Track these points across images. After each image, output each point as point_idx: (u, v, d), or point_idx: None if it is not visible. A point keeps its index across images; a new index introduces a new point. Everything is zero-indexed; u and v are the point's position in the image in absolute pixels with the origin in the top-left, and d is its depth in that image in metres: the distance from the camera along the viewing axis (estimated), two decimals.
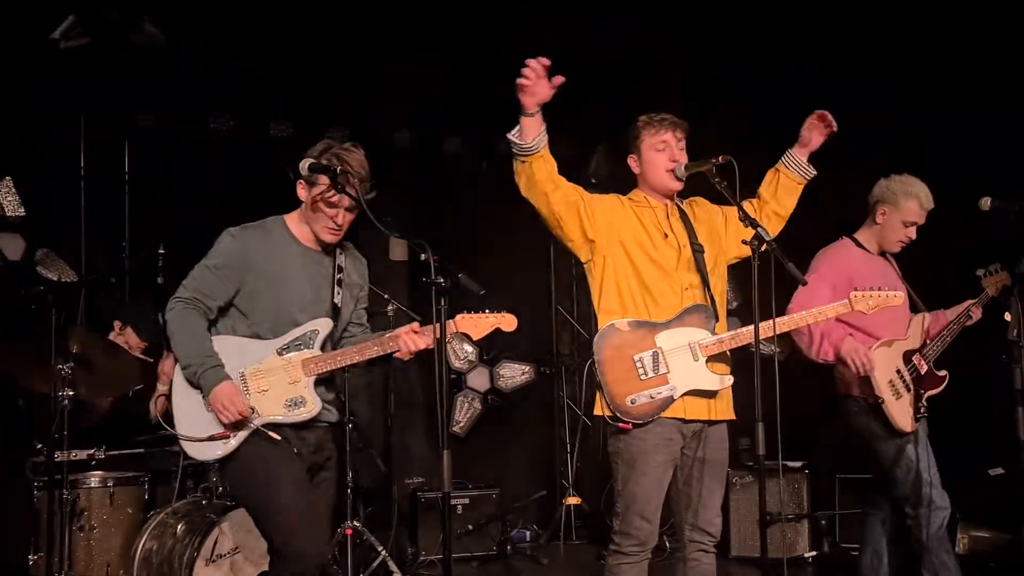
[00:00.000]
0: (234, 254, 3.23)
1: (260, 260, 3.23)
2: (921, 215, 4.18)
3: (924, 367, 4.13)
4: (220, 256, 3.24)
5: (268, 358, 3.23)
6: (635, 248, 3.42)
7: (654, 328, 3.36)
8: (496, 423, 7.27)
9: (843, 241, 4.30)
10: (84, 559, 4.42)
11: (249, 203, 6.40)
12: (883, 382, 4.02)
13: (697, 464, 3.43)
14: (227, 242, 3.26)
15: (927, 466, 4.06)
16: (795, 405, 4.26)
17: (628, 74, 6.28)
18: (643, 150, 3.50)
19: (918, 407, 4.06)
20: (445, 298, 3.02)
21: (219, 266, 3.22)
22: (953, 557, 4.14)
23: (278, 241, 3.29)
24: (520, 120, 3.31)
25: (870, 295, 3.51)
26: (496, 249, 7.17)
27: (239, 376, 3.21)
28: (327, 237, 3.28)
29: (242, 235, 3.27)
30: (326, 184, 3.15)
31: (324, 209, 3.22)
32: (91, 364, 4.49)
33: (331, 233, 3.27)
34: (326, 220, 3.24)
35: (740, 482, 5.86)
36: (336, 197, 3.18)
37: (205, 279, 3.22)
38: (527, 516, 6.84)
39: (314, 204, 3.23)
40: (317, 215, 3.24)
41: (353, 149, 3.24)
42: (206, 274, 3.22)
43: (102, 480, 4.55)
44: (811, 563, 5.87)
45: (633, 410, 3.32)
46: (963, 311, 4.27)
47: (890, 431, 4.06)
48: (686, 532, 3.46)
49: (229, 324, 3.28)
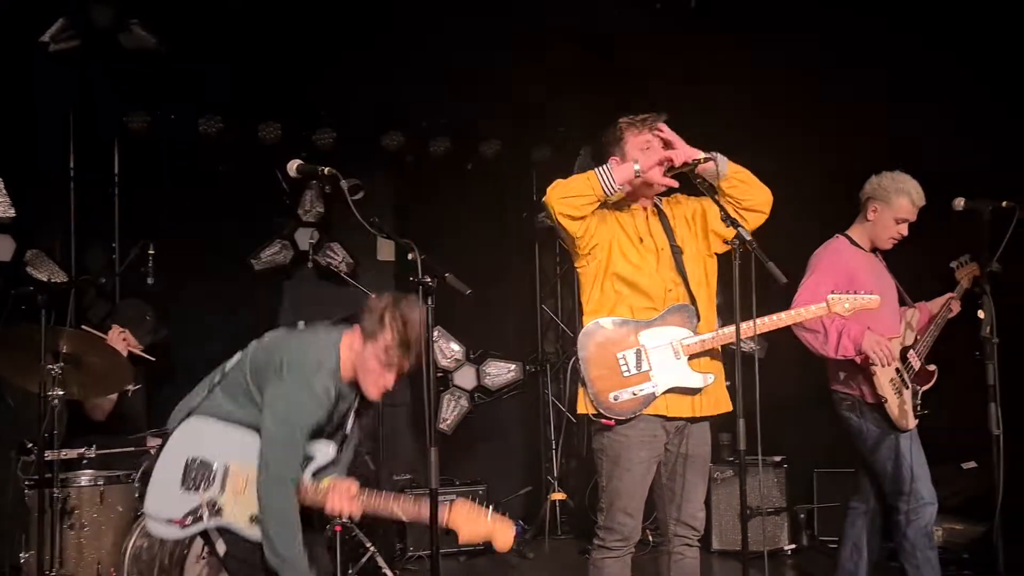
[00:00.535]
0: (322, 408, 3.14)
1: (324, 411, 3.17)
2: (913, 212, 4.21)
3: (918, 363, 4.19)
4: (309, 414, 3.11)
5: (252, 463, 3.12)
6: (619, 252, 3.46)
7: (637, 326, 3.41)
8: (482, 420, 7.32)
9: (837, 239, 4.32)
10: (75, 557, 4.43)
11: (237, 204, 6.57)
12: (885, 381, 4.06)
13: (680, 459, 3.47)
14: (315, 398, 3.11)
15: (916, 461, 4.10)
16: (775, 401, 4.37)
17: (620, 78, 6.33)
18: (627, 151, 3.51)
19: (915, 404, 4.11)
20: (432, 297, 3.03)
21: (308, 426, 3.11)
22: (935, 552, 4.18)
23: (335, 390, 3.17)
24: (624, 167, 3.37)
25: (847, 298, 3.53)
26: (482, 249, 7.23)
27: (222, 467, 3.15)
28: (373, 395, 3.21)
29: (321, 385, 3.12)
30: (393, 343, 3.07)
31: (377, 368, 3.13)
32: (81, 364, 4.50)
33: (376, 392, 3.20)
34: (376, 378, 3.16)
35: (721, 477, 5.95)
36: (396, 359, 3.09)
37: (300, 446, 3.10)
38: (513, 512, 6.88)
39: (369, 359, 3.14)
40: (368, 371, 3.15)
41: (414, 310, 3.10)
42: (300, 439, 3.09)
43: (92, 479, 4.55)
44: (791, 556, 5.97)
45: (616, 407, 3.36)
46: (944, 304, 4.33)
47: (886, 427, 4.10)
48: (670, 527, 3.50)
49: (240, 412, 3.18)
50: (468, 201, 7.31)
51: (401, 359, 3.09)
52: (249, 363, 3.20)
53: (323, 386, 3.10)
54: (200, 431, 3.18)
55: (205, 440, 3.17)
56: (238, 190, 6.53)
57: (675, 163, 3.38)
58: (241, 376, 3.20)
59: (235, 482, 3.12)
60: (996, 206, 3.92)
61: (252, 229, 6.72)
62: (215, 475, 3.14)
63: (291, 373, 3.07)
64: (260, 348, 3.25)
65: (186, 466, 3.14)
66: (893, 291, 4.28)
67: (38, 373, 4.27)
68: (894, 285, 4.30)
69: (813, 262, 4.23)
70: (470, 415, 7.28)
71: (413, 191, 7.21)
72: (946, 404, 4.29)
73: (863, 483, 4.36)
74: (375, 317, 3.10)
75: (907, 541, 4.12)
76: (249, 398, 3.16)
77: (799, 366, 4.27)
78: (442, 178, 7.22)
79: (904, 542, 4.13)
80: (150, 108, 6.15)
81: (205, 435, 3.18)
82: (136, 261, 5.87)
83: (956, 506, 5.57)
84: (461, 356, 7.29)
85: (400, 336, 3.07)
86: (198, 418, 3.20)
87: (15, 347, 4.42)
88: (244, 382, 3.18)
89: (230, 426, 3.16)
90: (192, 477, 3.12)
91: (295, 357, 3.11)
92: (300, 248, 6.78)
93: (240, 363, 3.24)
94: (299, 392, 3.07)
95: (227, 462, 3.14)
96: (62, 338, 4.41)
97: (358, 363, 3.16)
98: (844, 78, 5.76)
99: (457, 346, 7.28)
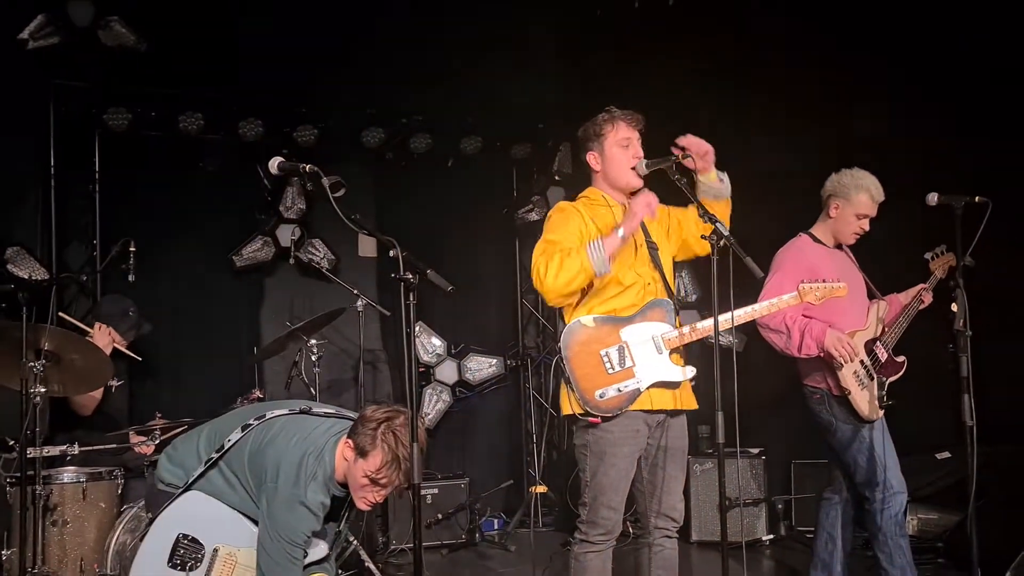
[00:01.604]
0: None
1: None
2: (872, 207, 4.27)
3: (884, 355, 4.24)
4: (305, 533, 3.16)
5: (248, 550, 3.18)
6: None
7: (618, 323, 3.44)
8: (464, 415, 7.37)
9: (800, 237, 4.38)
10: (58, 554, 4.42)
11: (218, 201, 6.57)
12: (848, 373, 4.12)
13: (661, 452, 3.50)
14: (309, 519, 3.14)
15: (885, 451, 4.17)
16: (753, 394, 4.42)
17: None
18: (606, 147, 3.54)
19: (881, 396, 4.16)
20: (413, 294, 3.02)
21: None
22: (907, 540, 4.25)
23: (328, 503, 3.20)
24: (610, 239, 3.35)
25: (818, 287, 3.59)
26: (463, 245, 7.27)
27: (211, 550, 3.18)
28: (361, 507, 3.22)
29: (313, 501, 3.14)
30: (384, 464, 3.07)
31: (369, 486, 3.14)
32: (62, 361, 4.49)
33: (366, 505, 3.21)
34: (365, 494, 3.16)
35: (700, 469, 6.01)
36: (386, 479, 3.09)
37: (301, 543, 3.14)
38: (495, 505, 6.94)
39: (358, 475, 3.14)
40: (359, 486, 3.15)
41: (406, 430, 3.08)
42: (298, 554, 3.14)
43: (75, 475, 4.54)
44: (769, 546, 6.04)
45: (602, 404, 3.38)
46: (915, 295, 4.39)
47: (854, 419, 4.16)
48: (651, 519, 3.53)
49: (235, 496, 3.22)
50: (449, 197, 7.34)
51: (391, 478, 3.10)
52: (248, 453, 3.22)
53: (316, 501, 3.13)
54: (194, 508, 3.23)
55: (198, 519, 3.21)
56: (220, 187, 6.53)
57: (652, 216, 3.41)
58: (238, 463, 3.23)
59: (223, 566, 3.16)
60: (969, 201, 3.98)
61: (234, 226, 6.72)
62: (203, 556, 3.18)
63: (286, 486, 3.10)
64: (258, 440, 3.24)
65: (176, 542, 3.18)
66: (860, 284, 4.33)
67: (19, 370, 4.24)
68: (862, 279, 4.35)
69: (777, 261, 4.28)
70: (452, 409, 7.32)
71: (394, 187, 7.23)
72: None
73: (835, 474, 4.42)
74: (367, 434, 3.10)
75: (879, 530, 4.17)
76: (244, 485, 3.20)
77: (776, 359, 4.31)
78: (423, 174, 7.24)
79: (877, 531, 4.18)
80: (130, 105, 6.13)
81: (198, 514, 3.22)
82: (117, 258, 5.85)
83: (931, 495, 5.67)
84: (442, 351, 7.33)
85: (391, 456, 3.07)
86: (195, 494, 3.24)
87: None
88: (242, 468, 3.21)
89: (223, 508, 3.21)
90: (180, 555, 3.16)
91: (291, 467, 3.12)
92: (282, 245, 6.78)
93: (240, 448, 3.25)
94: (292, 511, 3.10)
95: (217, 544, 3.18)
96: (43, 335, 4.37)
97: (349, 476, 3.17)
98: (806, 79, 5.88)
99: (438, 341, 7.31)
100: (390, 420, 3.11)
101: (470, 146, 7.15)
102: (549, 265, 3.38)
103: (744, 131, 5.93)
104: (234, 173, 6.59)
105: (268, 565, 3.10)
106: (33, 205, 6.02)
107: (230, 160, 6.49)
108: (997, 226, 3.96)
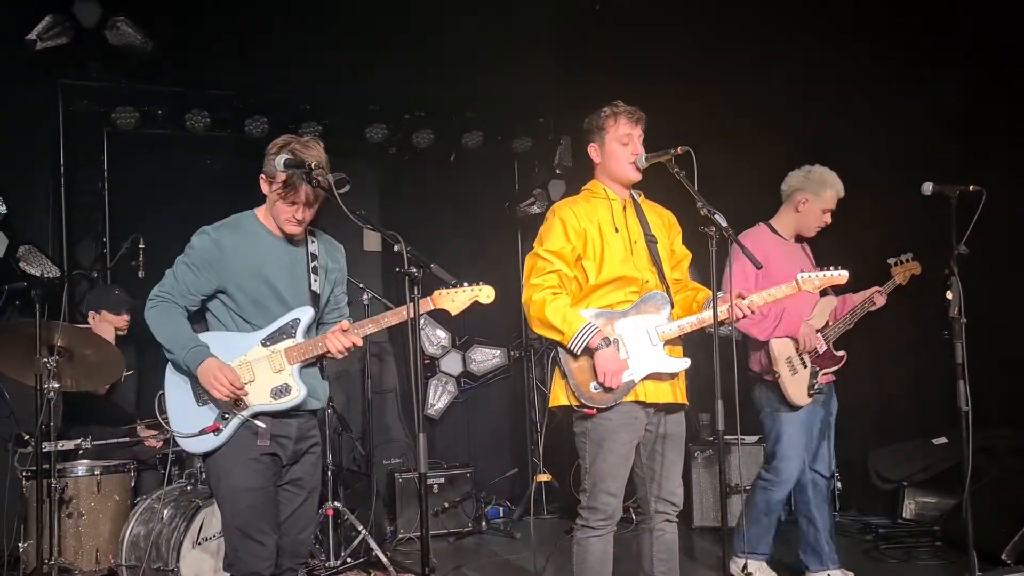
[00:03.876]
0: (209, 250, 3.28)
1: (235, 254, 3.28)
2: (835, 202, 4.48)
3: (823, 346, 4.40)
4: (196, 253, 3.29)
5: (253, 349, 3.29)
6: (593, 246, 3.54)
7: (612, 317, 3.51)
8: (469, 405, 7.45)
9: (759, 227, 4.56)
10: (73, 545, 4.52)
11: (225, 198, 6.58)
12: (781, 359, 4.32)
13: (659, 439, 3.57)
14: (202, 239, 3.31)
15: (812, 437, 4.43)
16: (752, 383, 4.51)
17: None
18: (606, 141, 3.59)
19: (812, 383, 4.35)
20: (418, 287, 3.06)
21: (195, 263, 3.28)
22: (828, 514, 4.55)
23: (250, 234, 3.32)
24: (597, 341, 3.44)
25: (815, 276, 3.65)
26: (466, 238, 7.32)
27: None
28: (290, 229, 3.31)
29: (216, 232, 3.32)
30: (283, 180, 3.18)
31: (283, 206, 3.25)
32: (74, 356, 4.55)
33: (293, 226, 3.30)
34: (287, 214, 3.26)
35: (701, 456, 6.09)
36: (293, 194, 3.20)
37: (182, 276, 3.28)
38: (500, 493, 7.04)
39: (274, 199, 3.27)
40: (278, 210, 3.27)
41: (312, 144, 3.25)
42: (183, 271, 3.29)
43: (89, 468, 4.64)
44: None
45: (597, 396, 3.45)
46: (867, 297, 4.51)
47: (784, 403, 4.36)
48: (652, 504, 3.59)
49: (212, 320, 3.36)
50: (452, 191, 7.41)
51: (298, 181, 3.18)
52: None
53: (221, 230, 3.30)
54: None
55: None
56: (226, 184, 6.59)
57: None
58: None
59: (243, 375, 3.23)
60: (963, 190, 4.04)
61: None
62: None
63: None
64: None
65: (193, 384, 3.27)
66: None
67: (33, 367, 4.32)
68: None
69: (734, 249, 4.38)
70: (457, 400, 7.40)
71: (397, 182, 7.29)
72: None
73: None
74: (269, 156, 3.23)
75: (800, 513, 4.55)
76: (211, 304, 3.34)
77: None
78: (426, 169, 7.30)
79: (796, 513, 4.54)
80: (138, 104, 6.19)
81: None
82: (127, 255, 5.92)
83: (927, 480, 5.74)
84: (447, 343, 7.40)
85: (289, 154, 3.17)
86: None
87: (10, 341, 4.47)
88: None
89: (210, 334, 3.32)
90: (203, 390, 3.24)
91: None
92: None
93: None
94: (197, 235, 3.31)
95: (227, 363, 3.23)
96: (56, 332, 4.45)
97: (272, 211, 3.30)
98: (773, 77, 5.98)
99: (443, 333, 7.38)
100: (288, 141, 3.23)
101: (472, 140, 7.20)
102: (537, 300, 3.51)
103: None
104: (240, 170, 6.64)
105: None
106: (44, 204, 6.09)
107: (236, 157, 6.55)
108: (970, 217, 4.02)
